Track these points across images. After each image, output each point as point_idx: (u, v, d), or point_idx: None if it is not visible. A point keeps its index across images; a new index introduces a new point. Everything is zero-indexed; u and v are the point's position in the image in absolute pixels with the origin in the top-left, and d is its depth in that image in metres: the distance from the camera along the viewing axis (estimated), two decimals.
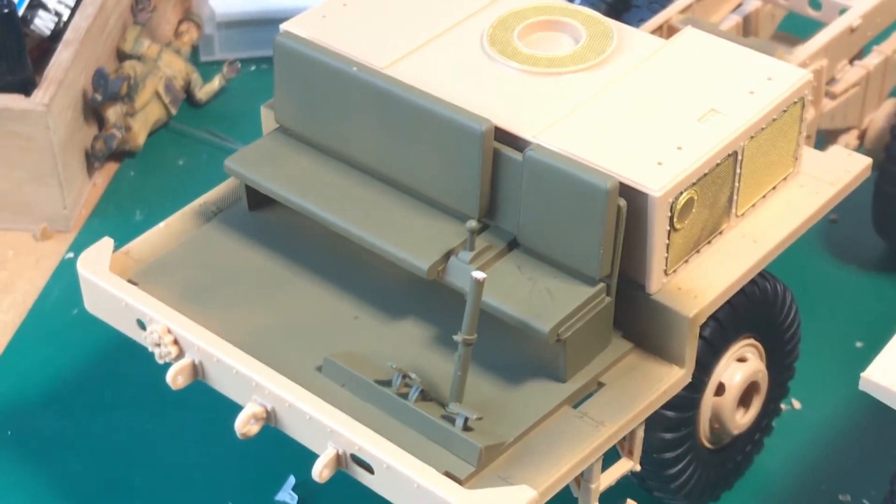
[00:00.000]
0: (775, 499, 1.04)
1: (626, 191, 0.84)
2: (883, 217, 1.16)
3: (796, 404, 1.09)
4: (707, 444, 0.97)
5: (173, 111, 1.37)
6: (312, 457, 0.85)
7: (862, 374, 0.82)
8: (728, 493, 1.03)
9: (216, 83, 1.40)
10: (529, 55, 0.94)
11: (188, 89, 1.39)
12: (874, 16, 1.14)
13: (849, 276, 1.21)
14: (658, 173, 0.85)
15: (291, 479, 1.04)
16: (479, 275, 0.80)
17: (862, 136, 1.19)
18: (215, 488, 1.05)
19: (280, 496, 1.04)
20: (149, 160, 1.34)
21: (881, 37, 1.20)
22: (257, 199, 0.99)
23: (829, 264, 1.22)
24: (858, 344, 1.13)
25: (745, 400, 0.97)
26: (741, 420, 0.97)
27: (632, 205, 0.85)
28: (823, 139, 1.17)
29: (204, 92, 1.40)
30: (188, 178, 1.30)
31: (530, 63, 0.93)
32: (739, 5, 1.20)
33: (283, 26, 0.98)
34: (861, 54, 1.19)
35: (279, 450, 1.02)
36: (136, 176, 1.32)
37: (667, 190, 0.84)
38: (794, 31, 1.23)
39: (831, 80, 1.14)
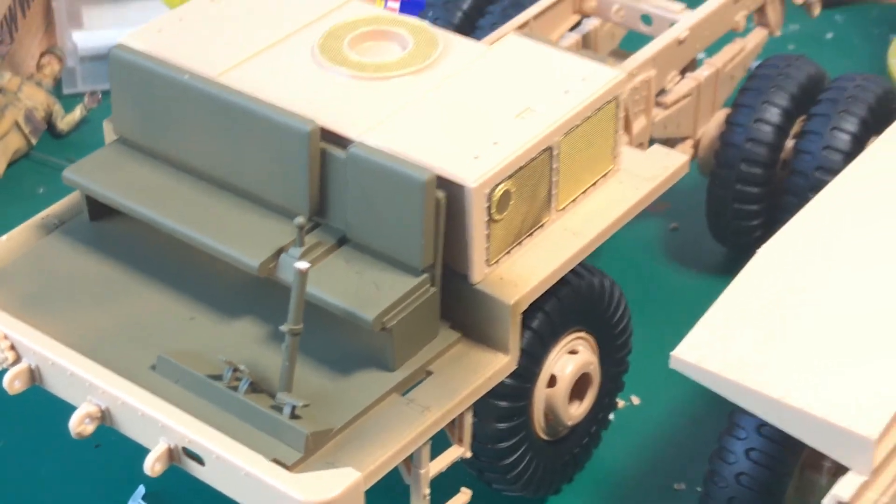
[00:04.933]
0: (614, 491, 1.06)
1: (444, 183, 0.87)
2: (716, 220, 1.20)
3: (635, 400, 1.12)
4: (543, 436, 0.99)
5: (34, 141, 1.38)
6: None
7: (671, 353, 0.85)
8: (568, 486, 1.05)
9: (77, 113, 1.42)
10: (358, 62, 0.96)
11: (50, 120, 1.40)
12: (701, 29, 1.18)
13: (689, 279, 1.25)
14: (474, 166, 0.87)
15: (141, 489, 1.04)
16: (301, 265, 0.82)
17: (696, 145, 1.22)
18: (65, 499, 1.04)
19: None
20: (9, 188, 1.34)
21: (715, 48, 1.24)
22: (98, 209, 1.00)
23: (671, 269, 1.26)
24: None
25: (578, 392, 0.99)
26: (575, 412, 0.99)
27: (451, 197, 0.87)
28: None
29: (65, 122, 1.41)
30: (48, 205, 1.30)
31: (358, 69, 0.96)
32: (578, 24, 1.24)
33: (119, 40, 0.99)
34: (694, 66, 1.22)
35: (130, 459, 1.01)
36: None
37: (482, 181, 0.86)
38: (636, 49, 1.27)
39: (662, 91, 1.17)
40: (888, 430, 0.82)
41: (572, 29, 1.24)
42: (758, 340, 0.86)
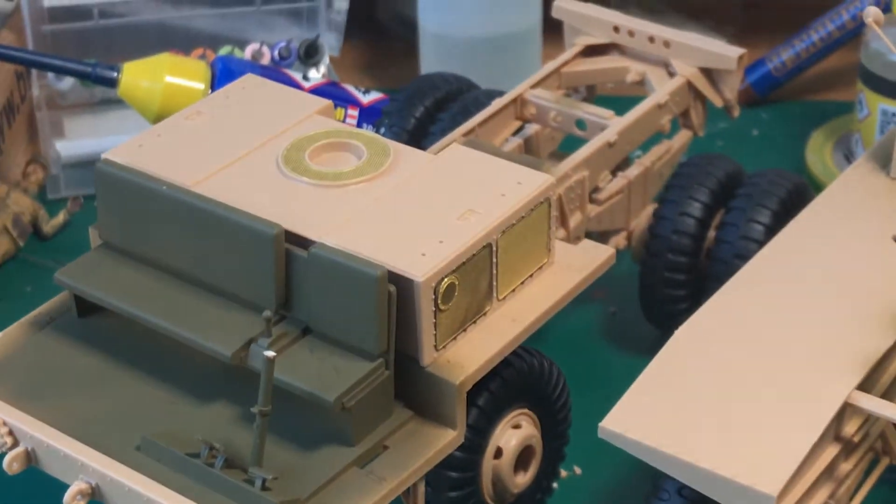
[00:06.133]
0: None
1: (395, 278, 0.93)
2: (648, 304, 1.26)
3: (577, 470, 1.16)
4: (492, 501, 1.03)
5: (21, 244, 1.43)
6: None
7: (599, 424, 0.91)
8: None
9: (61, 217, 1.47)
10: (318, 171, 1.02)
11: (35, 224, 1.46)
12: (629, 133, 1.25)
13: (626, 358, 1.30)
14: (421, 262, 0.93)
15: None
16: (269, 353, 0.88)
17: (630, 237, 1.28)
18: None
19: None
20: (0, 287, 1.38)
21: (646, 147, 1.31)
22: (85, 307, 1.06)
23: (610, 349, 1.31)
24: None
25: (522, 462, 1.04)
26: (520, 481, 1.04)
27: (401, 290, 0.93)
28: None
29: (50, 226, 1.47)
30: (35, 303, 1.32)
31: (318, 178, 1.02)
32: (521, 129, 1.31)
33: (104, 155, 1.05)
34: (626, 165, 1.29)
35: None
36: None
37: (429, 276, 0.92)
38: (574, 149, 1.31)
39: (596, 189, 1.23)
40: (788, 486, 0.87)
41: (515, 133, 1.30)
42: (674, 411, 0.91)
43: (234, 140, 1.06)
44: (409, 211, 0.99)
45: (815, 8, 1.61)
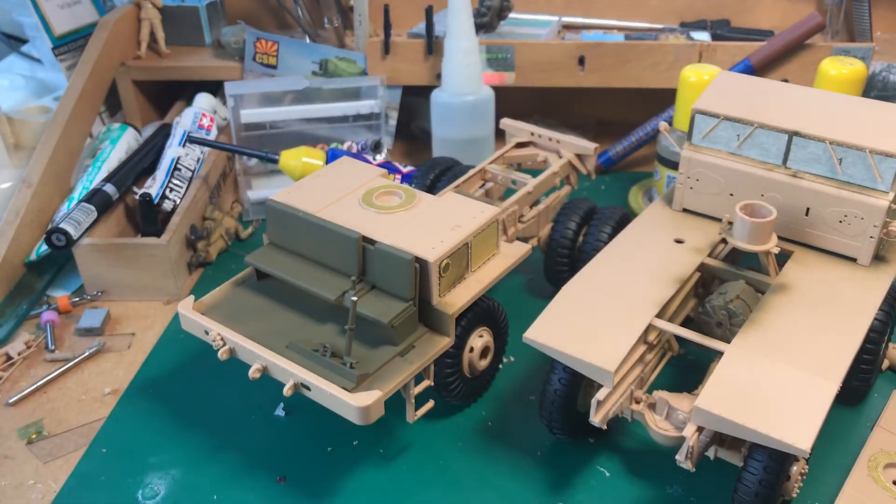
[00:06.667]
0: (499, 397, 1.06)
1: (419, 260, 0.92)
2: (548, 274, 1.20)
3: (512, 359, 1.13)
4: (468, 375, 1.02)
5: (229, 243, 1.39)
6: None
7: (524, 335, 0.89)
8: (481, 399, 1.06)
9: (250, 230, 1.44)
10: (379, 205, 1.00)
11: (237, 233, 1.42)
12: (539, 187, 1.21)
13: (537, 302, 1.24)
14: (432, 252, 0.92)
15: (281, 403, 1.05)
16: (353, 298, 0.88)
17: (539, 240, 1.24)
18: (236, 409, 1.04)
19: (276, 412, 1.04)
20: (218, 267, 1.35)
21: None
22: (261, 275, 1.04)
23: (529, 298, 1.26)
24: None
25: (484, 354, 1.03)
26: (482, 364, 1.03)
27: (422, 266, 0.92)
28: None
29: (245, 234, 1.43)
30: (236, 273, 1.33)
31: (379, 209, 1.00)
32: (483, 185, 1.28)
33: (271, 196, 1.02)
34: (537, 204, 1.25)
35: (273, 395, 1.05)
36: (212, 273, 1.33)
37: (436, 258, 0.92)
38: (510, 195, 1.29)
39: (522, 215, 1.21)
40: (622, 364, 0.86)
41: (480, 187, 1.27)
42: (560, 327, 0.90)
43: (337, 189, 1.05)
44: (426, 225, 0.97)
45: (635, 124, 1.58)
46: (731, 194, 1.04)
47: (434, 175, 1.30)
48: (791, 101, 1.03)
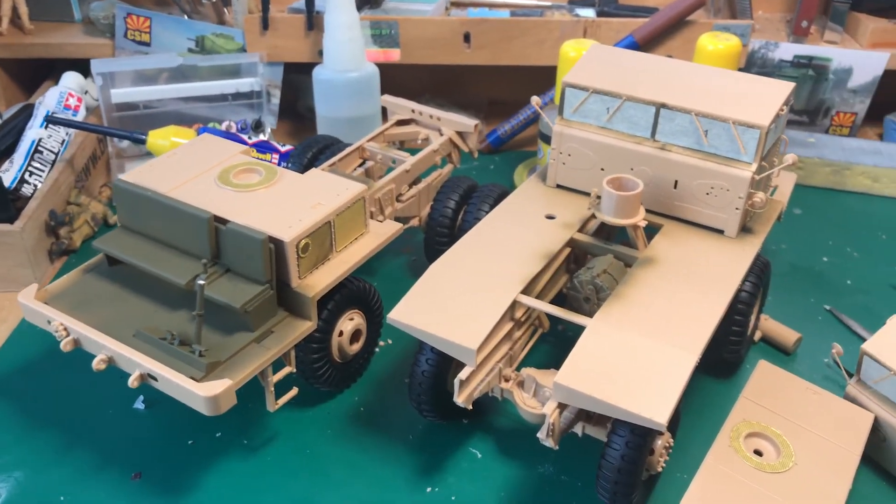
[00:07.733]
0: (374, 381, 1.03)
1: (274, 240, 0.87)
2: (428, 252, 1.17)
3: (389, 342, 1.10)
4: (338, 360, 0.98)
5: (96, 229, 1.31)
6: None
7: (388, 316, 0.85)
8: (354, 384, 1.03)
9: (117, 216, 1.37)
10: (237, 184, 0.95)
11: (105, 218, 1.34)
12: (418, 165, 1.18)
13: (415, 280, 1.16)
14: (289, 230, 0.88)
15: (141, 396, 1.00)
16: (201, 281, 0.82)
17: (420, 220, 1.22)
18: (94, 404, 0.99)
19: (136, 405, 0.99)
20: (83, 255, 1.27)
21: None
22: (112, 260, 0.97)
23: (410, 277, 1.22)
24: None
25: (355, 338, 0.99)
26: (353, 348, 0.99)
27: (277, 246, 0.87)
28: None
29: (114, 219, 1.35)
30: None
31: (236, 187, 0.94)
32: (364, 163, 1.23)
33: (119, 176, 0.97)
34: (418, 182, 1.22)
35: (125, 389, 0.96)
36: (76, 261, 1.25)
37: (292, 238, 0.87)
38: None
39: (401, 194, 1.17)
40: (484, 343, 0.84)
41: (360, 166, 1.23)
42: (426, 306, 0.87)
43: (192, 168, 0.99)
44: (284, 204, 0.93)
45: (526, 103, 1.56)
46: (602, 169, 1.02)
47: (312, 153, 1.24)
48: (660, 74, 1.02)
